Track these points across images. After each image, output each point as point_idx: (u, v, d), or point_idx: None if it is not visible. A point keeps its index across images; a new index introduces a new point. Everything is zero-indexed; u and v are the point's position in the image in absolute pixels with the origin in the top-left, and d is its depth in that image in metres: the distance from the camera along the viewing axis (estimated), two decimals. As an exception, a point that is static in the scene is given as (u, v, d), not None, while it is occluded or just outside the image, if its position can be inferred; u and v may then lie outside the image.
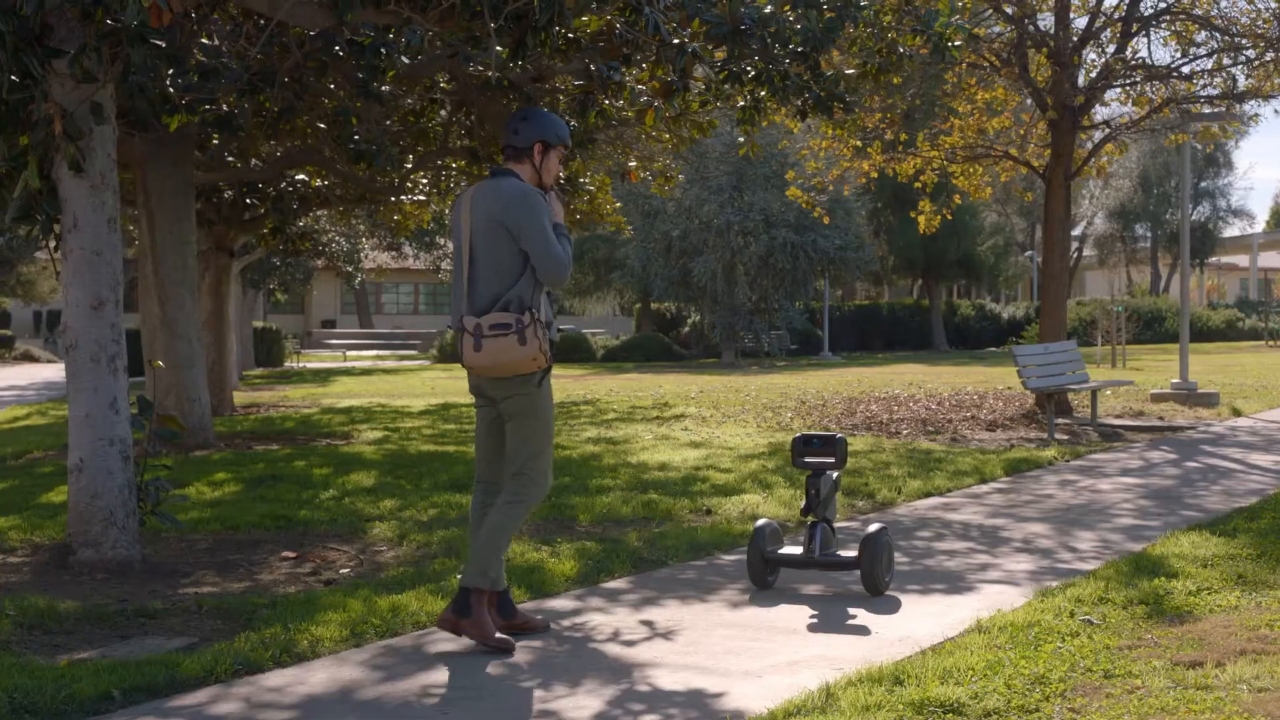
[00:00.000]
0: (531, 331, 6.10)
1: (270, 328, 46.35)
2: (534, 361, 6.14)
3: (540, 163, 6.45)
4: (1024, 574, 7.76)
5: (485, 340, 6.11)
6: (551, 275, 6.22)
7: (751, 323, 40.49)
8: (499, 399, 6.35)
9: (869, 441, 14.66)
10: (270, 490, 11.15)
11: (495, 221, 6.22)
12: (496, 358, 6.13)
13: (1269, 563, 7.65)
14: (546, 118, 6.56)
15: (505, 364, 6.15)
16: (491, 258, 6.25)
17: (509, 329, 6.10)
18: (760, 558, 7.43)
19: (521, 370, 6.19)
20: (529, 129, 6.45)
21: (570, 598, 7.36)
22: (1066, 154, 18.01)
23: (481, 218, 6.27)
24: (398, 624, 6.68)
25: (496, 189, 6.30)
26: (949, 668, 5.56)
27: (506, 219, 6.19)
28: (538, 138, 6.44)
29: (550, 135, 6.48)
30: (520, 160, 6.43)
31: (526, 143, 6.42)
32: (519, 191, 6.25)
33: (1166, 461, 12.96)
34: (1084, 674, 5.48)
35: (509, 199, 6.22)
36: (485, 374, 6.26)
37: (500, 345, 6.11)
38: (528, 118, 6.51)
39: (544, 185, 6.47)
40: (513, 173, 6.40)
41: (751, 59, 12.67)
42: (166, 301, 14.61)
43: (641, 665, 5.95)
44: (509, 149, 6.46)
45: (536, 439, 6.35)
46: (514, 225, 6.19)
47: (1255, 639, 5.92)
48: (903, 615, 6.81)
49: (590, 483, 11.36)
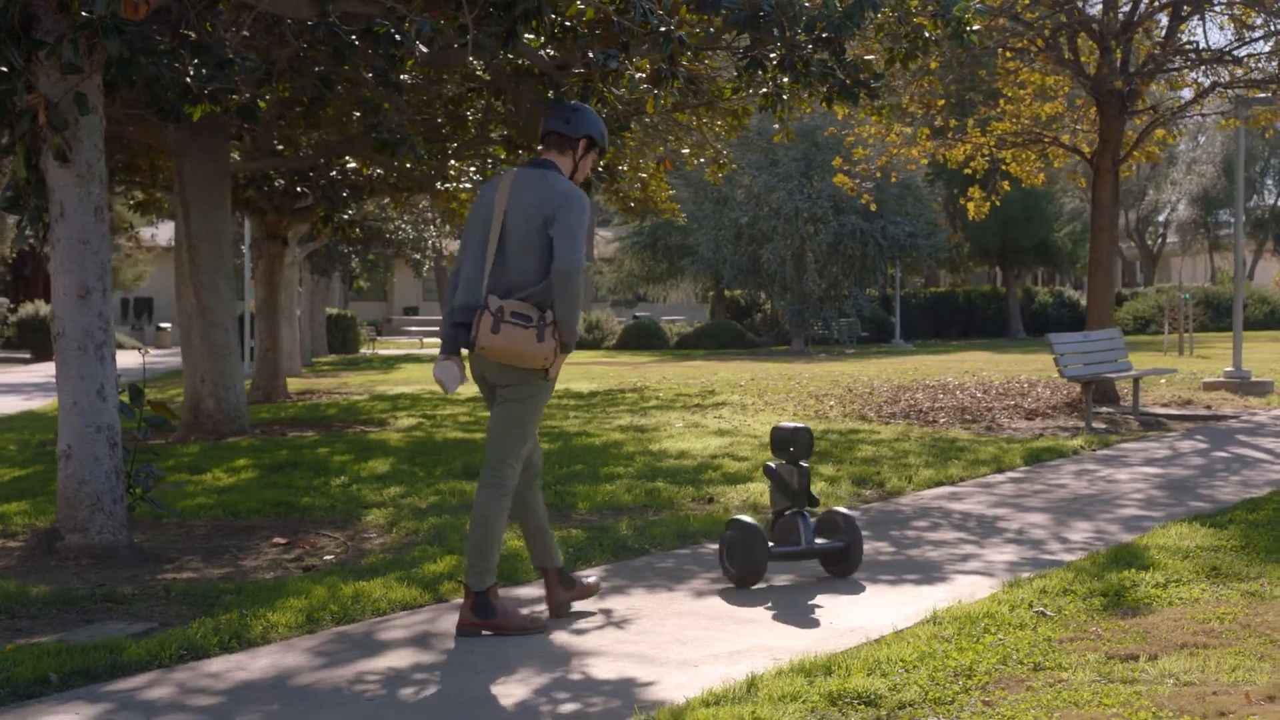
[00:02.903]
0: (550, 332, 6.14)
1: (345, 314, 46.75)
2: (544, 360, 6.16)
3: (580, 158, 6.52)
4: (1003, 565, 7.68)
5: (504, 325, 6.12)
6: (562, 274, 6.15)
7: (821, 310, 40.30)
8: (500, 385, 6.35)
9: (898, 430, 14.57)
10: (284, 477, 11.26)
11: (537, 211, 6.22)
12: (510, 345, 6.13)
13: (1250, 555, 7.53)
14: (595, 117, 6.61)
15: (516, 353, 6.15)
16: (525, 246, 6.24)
17: (531, 322, 6.13)
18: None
19: (529, 364, 6.20)
20: (580, 122, 6.50)
21: (540, 585, 7.35)
22: (1114, 140, 17.78)
23: (521, 205, 6.27)
24: (356, 611, 6.73)
25: (543, 180, 6.32)
26: (881, 658, 5.52)
27: (548, 209, 6.20)
28: (586, 132, 6.50)
29: (596, 134, 6.55)
30: (563, 151, 6.47)
31: (576, 134, 6.47)
32: (569, 189, 6.29)
33: (1195, 451, 12.77)
34: (1014, 666, 5.42)
35: (558, 193, 6.25)
36: (492, 357, 6.22)
37: (518, 335, 6.12)
38: (579, 110, 6.57)
39: (575, 181, 6.49)
40: (554, 164, 6.42)
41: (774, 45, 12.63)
42: (202, 289, 14.78)
43: (584, 654, 5.95)
44: (555, 136, 6.47)
45: (514, 430, 6.36)
46: (552, 216, 6.19)
47: (1201, 632, 5.84)
48: (863, 605, 6.77)
49: (602, 470, 11.38)
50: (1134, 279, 72.97)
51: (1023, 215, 47.06)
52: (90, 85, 8.11)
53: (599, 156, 6.73)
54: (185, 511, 9.73)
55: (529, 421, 6.38)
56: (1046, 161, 20.86)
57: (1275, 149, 61.68)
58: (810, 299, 40.01)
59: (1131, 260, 74.19)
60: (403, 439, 14.23)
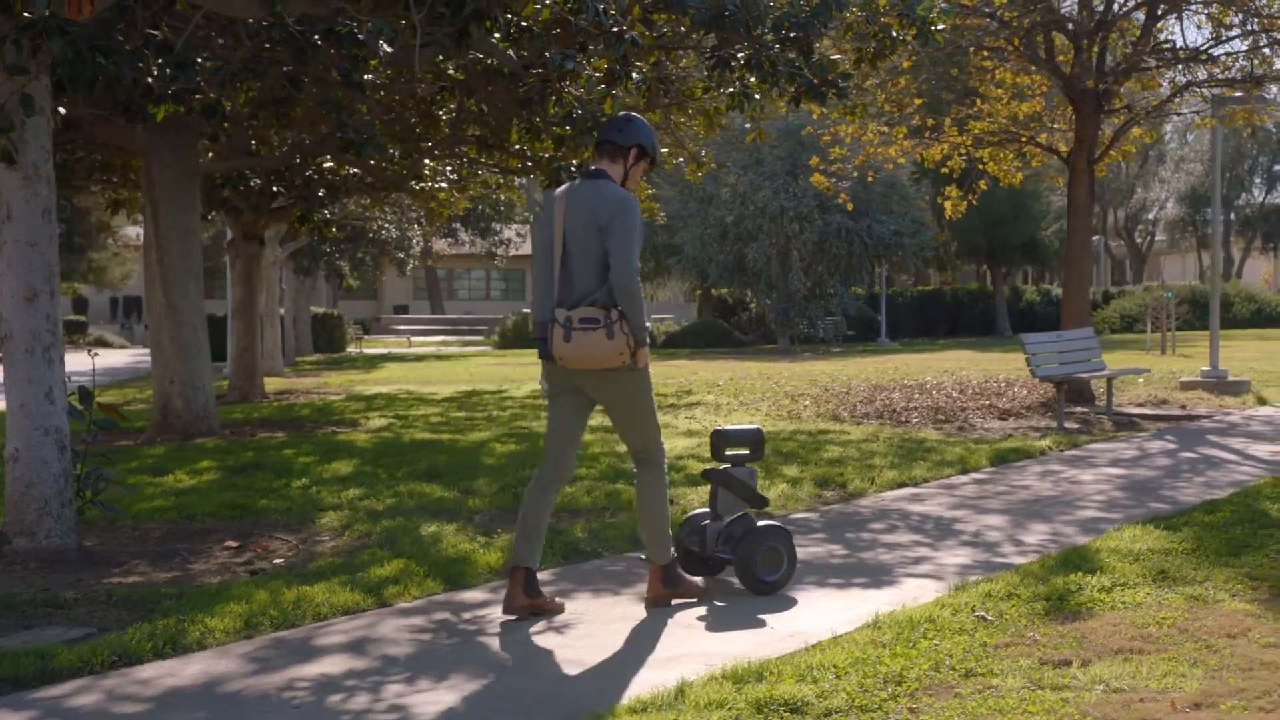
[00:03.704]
0: (619, 327, 6.42)
1: (331, 313, 46.74)
2: (620, 355, 6.46)
3: (631, 165, 6.77)
4: (955, 568, 7.64)
5: (575, 332, 6.44)
6: (619, 280, 6.44)
7: (806, 309, 40.26)
8: (596, 390, 6.71)
9: (869, 431, 14.53)
10: (245, 479, 11.21)
11: (592, 220, 6.49)
12: (584, 350, 6.44)
13: (1199, 558, 7.49)
14: (648, 127, 6.88)
15: (592, 356, 6.47)
16: (587, 256, 6.53)
17: (598, 324, 6.42)
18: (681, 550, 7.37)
19: (608, 364, 6.51)
20: (633, 130, 6.78)
21: (486, 589, 7.35)
22: (1089, 139, 17.75)
23: (580, 217, 6.54)
24: (296, 616, 6.69)
25: (597, 190, 6.58)
26: (814, 664, 5.49)
27: (602, 218, 6.46)
28: (638, 141, 6.77)
29: (647, 144, 6.81)
30: (615, 159, 6.73)
31: (628, 142, 6.74)
32: (622, 196, 6.54)
33: (1163, 452, 12.74)
34: (945, 673, 5.38)
35: (611, 200, 6.50)
36: (574, 365, 6.55)
37: (589, 338, 6.43)
38: (632, 120, 6.83)
39: (626, 187, 6.76)
40: (606, 173, 6.67)
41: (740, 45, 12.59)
42: (171, 289, 14.73)
43: (522, 659, 5.93)
44: (608, 145, 6.75)
45: (645, 418, 6.76)
46: (607, 225, 6.45)
47: (1138, 637, 5.80)
48: (807, 610, 6.72)
49: (564, 472, 11.30)
50: (1124, 277, 73.01)
51: (1009, 213, 47.05)
52: (37, 87, 8.06)
53: (650, 165, 6.93)
54: (141, 514, 9.68)
55: (647, 410, 6.76)
56: (1024, 161, 20.82)
57: (1264, 147, 61.71)
58: (795, 298, 39.97)
59: (1121, 258, 74.22)
60: (370, 440, 14.19)
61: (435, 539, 8.51)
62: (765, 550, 7.06)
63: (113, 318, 70.21)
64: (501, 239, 47.46)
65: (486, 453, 12.77)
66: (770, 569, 7.08)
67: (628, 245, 6.45)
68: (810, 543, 8.48)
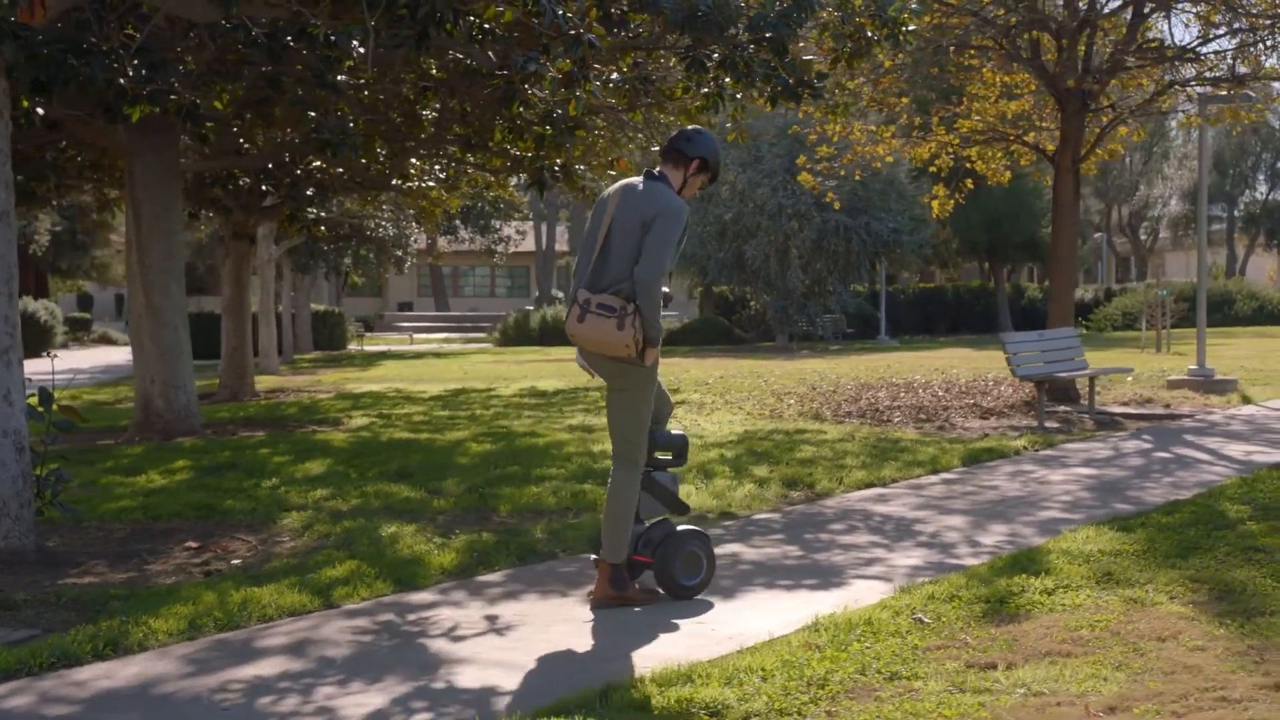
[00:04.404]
0: (631, 320, 6.63)
1: (332, 311, 46.81)
2: (625, 347, 6.67)
3: (690, 175, 7.04)
4: (906, 570, 7.66)
5: (590, 315, 6.70)
6: (640, 281, 6.66)
7: (805, 306, 40.26)
8: (606, 376, 6.99)
9: (847, 430, 14.54)
10: (216, 479, 11.26)
11: (639, 219, 6.75)
12: (594, 334, 6.71)
13: (1148, 559, 7.50)
14: (714, 142, 7.14)
15: (599, 341, 6.72)
16: (625, 248, 6.78)
17: (613, 312, 6.65)
18: None
19: (614, 352, 6.74)
20: (700, 142, 7.05)
21: (435, 591, 7.37)
22: (1074, 138, 17.74)
23: (630, 211, 6.81)
24: (242, 617, 6.72)
25: (652, 192, 6.86)
26: (743, 667, 5.51)
27: (647, 215, 6.72)
28: (702, 154, 7.04)
29: (710, 156, 7.08)
30: (677, 166, 7.01)
31: (693, 153, 7.01)
32: (673, 202, 6.81)
33: (1138, 451, 12.74)
34: (870, 676, 5.41)
35: (662, 204, 6.77)
36: (582, 345, 6.88)
37: (600, 324, 6.67)
38: (701, 133, 7.09)
39: (682, 195, 7.03)
40: (665, 177, 6.96)
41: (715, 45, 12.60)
42: (152, 289, 14.78)
43: (454, 661, 5.95)
44: (675, 153, 7.01)
45: (631, 415, 6.94)
46: (650, 222, 6.71)
47: (1069, 640, 5.83)
48: (750, 612, 6.74)
49: (534, 472, 11.35)
50: (1128, 274, 72.93)
51: (1010, 211, 47.01)
52: (-7, 90, 8.10)
53: (709, 180, 7.19)
54: (107, 515, 9.73)
55: (641, 406, 6.93)
56: (1013, 159, 20.81)
57: (1267, 143, 61.64)
58: (794, 295, 39.97)
59: (1125, 255, 74.16)
60: (348, 439, 14.23)
61: (393, 540, 8.55)
62: (686, 555, 7.04)
63: (118, 314, 70.39)
64: (501, 236, 47.43)
65: (461, 453, 12.81)
66: (690, 573, 7.05)
67: (662, 246, 6.69)
68: (768, 544, 8.51)
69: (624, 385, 6.92)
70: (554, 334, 46.57)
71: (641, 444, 6.98)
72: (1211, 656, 5.55)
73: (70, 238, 53.29)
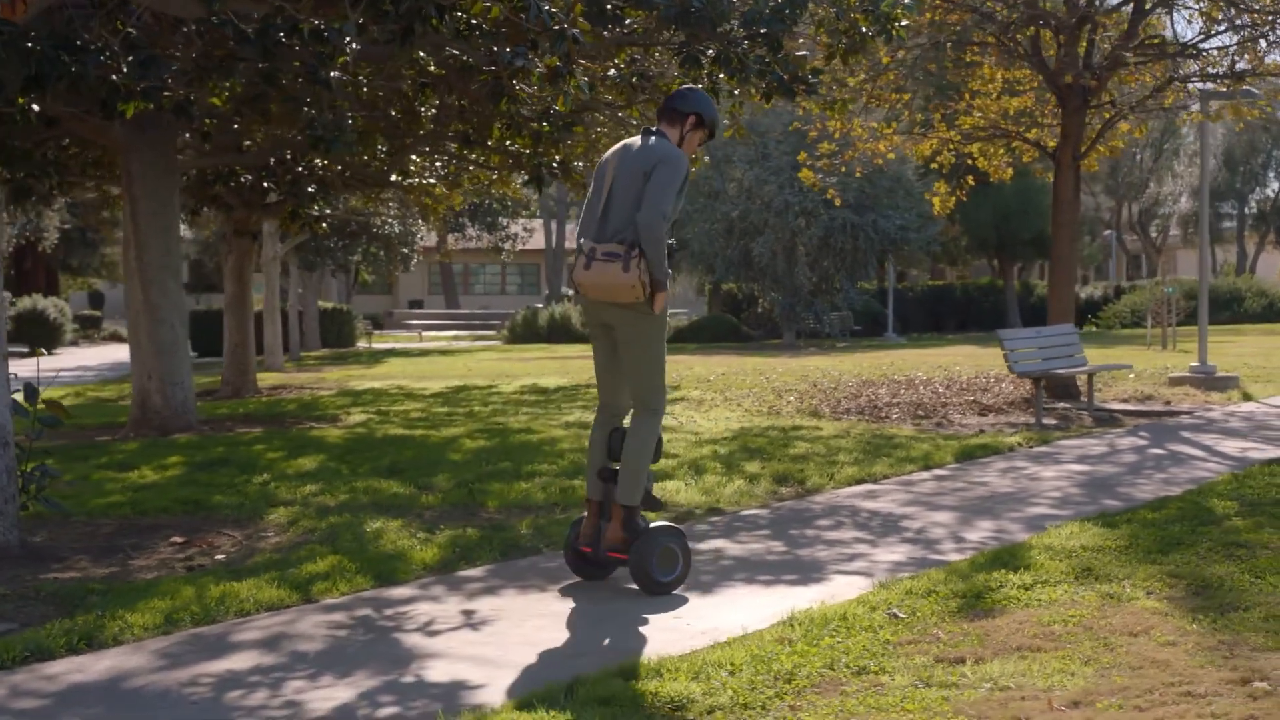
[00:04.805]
0: (636, 263, 6.78)
1: (341, 308, 46.86)
2: (632, 290, 6.81)
3: (687, 131, 7.22)
4: (888, 565, 7.64)
5: (595, 262, 6.86)
6: (643, 224, 6.81)
7: (812, 304, 40.20)
8: (614, 325, 7.09)
9: (843, 427, 14.52)
10: (207, 475, 11.27)
11: (640, 169, 6.95)
12: (600, 279, 6.85)
13: (1129, 555, 7.48)
14: (708, 99, 7.39)
15: (606, 286, 6.86)
16: (627, 198, 6.96)
17: (617, 257, 6.80)
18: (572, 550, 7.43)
19: (621, 297, 6.87)
20: (694, 99, 7.30)
21: (414, 586, 7.37)
22: (1075, 134, 17.70)
23: (629, 164, 7.02)
24: (219, 612, 6.72)
25: (648, 143, 7.09)
26: (711, 661, 5.51)
27: (648, 165, 6.92)
28: (696, 110, 7.25)
29: (705, 114, 7.29)
30: (673, 123, 7.22)
31: (687, 109, 7.24)
32: (671, 151, 7.02)
33: (1132, 448, 12.71)
34: (839, 670, 5.39)
35: (661, 153, 6.97)
36: (588, 294, 6.99)
37: (606, 268, 6.82)
38: (695, 91, 7.39)
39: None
40: (663, 133, 7.17)
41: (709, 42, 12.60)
42: (150, 286, 14.79)
43: (426, 655, 5.94)
44: (671, 111, 7.25)
45: (649, 365, 7.09)
46: (651, 171, 6.90)
47: (1041, 635, 5.81)
48: (728, 607, 6.72)
49: (525, 468, 11.35)
50: (1139, 272, 72.76)
51: (1019, 207, 46.98)
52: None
53: (707, 136, 7.36)
54: (96, 510, 9.75)
55: (657, 353, 7.11)
56: (1015, 156, 20.76)
57: (1278, 141, 61.43)
58: (801, 292, 39.91)
59: (1136, 253, 73.98)
60: (343, 435, 14.24)
61: (377, 535, 8.55)
62: (661, 550, 7.01)
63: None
64: (509, 233, 47.40)
65: (455, 449, 12.81)
66: (666, 569, 7.03)
67: (663, 190, 6.84)
68: (752, 540, 8.50)
69: (635, 336, 7.03)
70: (562, 331, 46.61)
71: (661, 391, 7.17)
72: (1181, 651, 5.53)
73: (80, 235, 53.43)
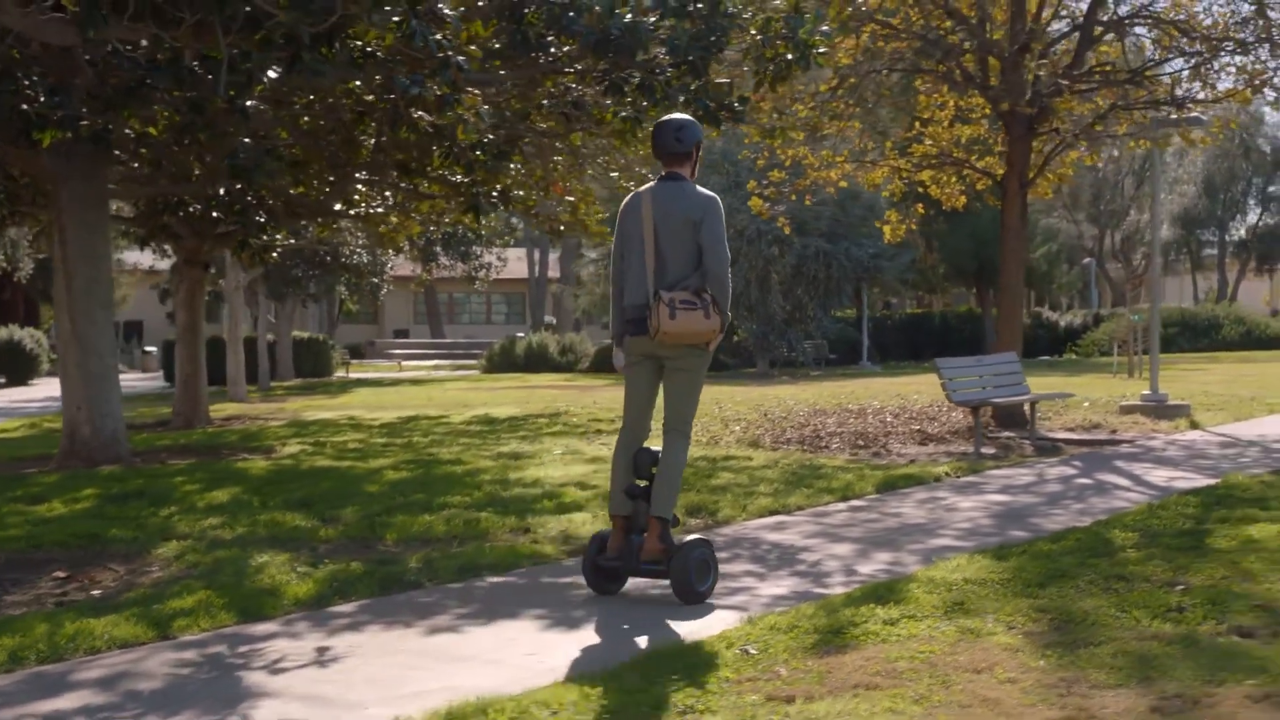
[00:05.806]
0: (714, 309, 7.38)
1: (317, 338, 46.75)
2: (713, 332, 7.43)
3: (694, 162, 7.64)
4: (767, 599, 7.51)
5: (679, 311, 7.31)
6: (715, 271, 7.41)
7: (786, 332, 40.13)
8: (671, 359, 7.58)
9: (773, 457, 14.41)
10: (116, 508, 11.15)
11: (688, 219, 7.38)
12: (685, 326, 7.34)
13: (1009, 589, 7.34)
14: (697, 124, 7.78)
15: (691, 333, 7.38)
16: (679, 248, 7.41)
17: (696, 305, 7.34)
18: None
19: (703, 339, 7.45)
20: (689, 133, 7.64)
21: (279, 622, 7.24)
22: (1019, 162, 17.66)
23: (673, 214, 7.40)
24: (69, 649, 6.60)
25: (682, 191, 7.48)
26: (540, 700, 5.39)
27: (695, 215, 7.36)
28: (696, 140, 7.65)
29: (700, 138, 7.72)
30: (683, 163, 7.60)
31: (690, 145, 7.61)
32: (712, 198, 7.49)
33: (1060, 478, 12.60)
34: (664, 710, 5.27)
35: (701, 200, 7.44)
36: (672, 339, 7.41)
37: (691, 316, 7.33)
38: (685, 125, 7.67)
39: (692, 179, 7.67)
40: (683, 176, 7.56)
41: (632, 69, 12.53)
42: (77, 316, 14.68)
43: (262, 695, 5.81)
44: (673, 156, 7.61)
45: (693, 394, 7.73)
46: (700, 221, 7.37)
47: (883, 672, 5.69)
48: (581, 645, 6.60)
49: (437, 500, 11.23)
50: (1122, 300, 72.74)
51: (996, 235, 46.68)
52: None
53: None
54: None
55: (698, 385, 7.74)
56: (969, 185, 20.71)
57: (1259, 168, 61.50)
58: (775, 321, 39.84)
59: (1119, 282, 74.00)
60: (268, 467, 14.12)
61: (258, 570, 8.42)
62: (698, 562, 7.48)
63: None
64: (483, 263, 47.33)
65: (374, 480, 12.70)
66: (703, 579, 7.48)
67: (721, 240, 7.42)
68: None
69: (686, 367, 7.58)
70: (538, 360, 46.59)
71: (692, 418, 7.74)
72: (1018, 689, 5.41)
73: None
